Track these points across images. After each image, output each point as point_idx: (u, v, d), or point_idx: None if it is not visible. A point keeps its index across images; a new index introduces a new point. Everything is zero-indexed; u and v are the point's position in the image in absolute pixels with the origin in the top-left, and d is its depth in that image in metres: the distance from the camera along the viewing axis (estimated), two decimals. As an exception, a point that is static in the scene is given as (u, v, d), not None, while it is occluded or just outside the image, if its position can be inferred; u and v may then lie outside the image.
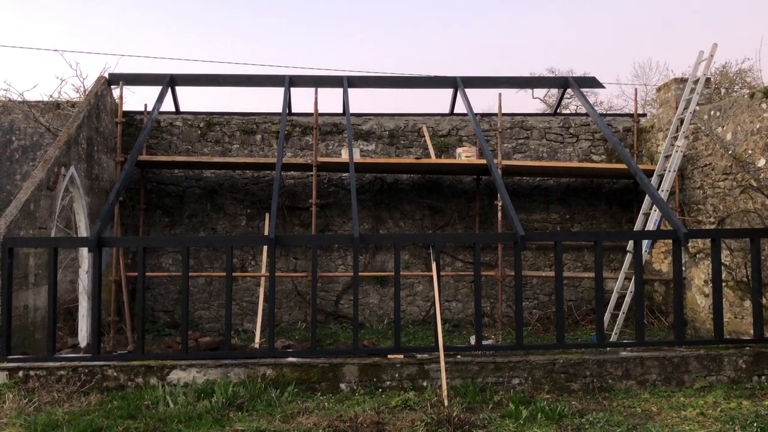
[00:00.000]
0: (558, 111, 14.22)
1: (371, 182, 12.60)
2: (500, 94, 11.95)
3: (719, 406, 6.63)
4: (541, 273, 12.38)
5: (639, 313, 8.24)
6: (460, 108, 12.71)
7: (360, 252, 12.15)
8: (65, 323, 10.34)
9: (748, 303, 9.29)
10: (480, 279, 8.08)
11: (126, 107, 11.77)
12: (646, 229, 10.24)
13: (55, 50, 28.40)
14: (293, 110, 12.81)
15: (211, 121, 12.57)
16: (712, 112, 10.53)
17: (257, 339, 10.08)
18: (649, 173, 10.86)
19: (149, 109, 11.56)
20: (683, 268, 10.74)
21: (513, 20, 48.14)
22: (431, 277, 8.68)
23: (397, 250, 7.98)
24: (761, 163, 9.34)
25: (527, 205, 12.71)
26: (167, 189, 12.32)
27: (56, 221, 9.45)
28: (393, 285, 7.93)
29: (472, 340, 8.96)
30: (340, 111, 12.47)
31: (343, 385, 7.34)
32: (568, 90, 13.33)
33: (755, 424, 5.92)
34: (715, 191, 10.41)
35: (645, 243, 9.92)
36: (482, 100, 33.49)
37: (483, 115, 13.18)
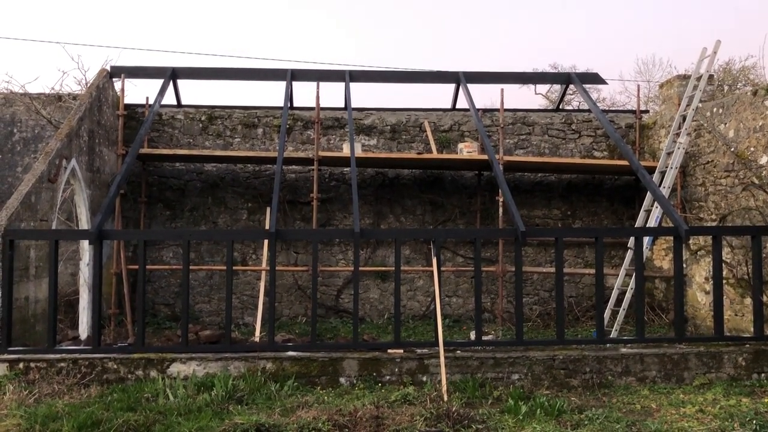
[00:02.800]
0: (560, 107, 14.19)
1: (372, 177, 12.59)
2: (502, 90, 11.93)
3: (718, 403, 6.64)
4: (542, 269, 12.38)
5: (639, 310, 8.25)
6: (462, 103, 12.70)
7: (361, 247, 12.14)
8: (66, 315, 10.36)
9: (748, 300, 9.28)
10: (480, 274, 8.08)
11: (127, 100, 11.77)
12: (647, 225, 10.23)
13: (57, 42, 28.41)
14: (295, 104, 12.79)
15: (212, 114, 12.56)
16: (715, 109, 10.50)
17: (257, 333, 10.08)
18: (651, 170, 10.84)
19: (151, 102, 11.55)
20: (684, 265, 10.72)
21: (516, 15, 48.03)
22: (432, 272, 8.68)
23: (397, 245, 7.98)
24: (763, 160, 9.31)
25: (528, 200, 12.69)
26: (168, 182, 12.32)
27: (57, 213, 9.45)
28: (393, 280, 7.94)
29: (472, 335, 8.95)
30: (342, 105, 12.45)
31: (342, 380, 7.35)
32: (571, 86, 13.31)
33: (754, 422, 5.93)
34: (717, 188, 10.39)
35: (646, 240, 9.91)
36: (484, 96, 33.41)
37: (485, 110, 13.15)
